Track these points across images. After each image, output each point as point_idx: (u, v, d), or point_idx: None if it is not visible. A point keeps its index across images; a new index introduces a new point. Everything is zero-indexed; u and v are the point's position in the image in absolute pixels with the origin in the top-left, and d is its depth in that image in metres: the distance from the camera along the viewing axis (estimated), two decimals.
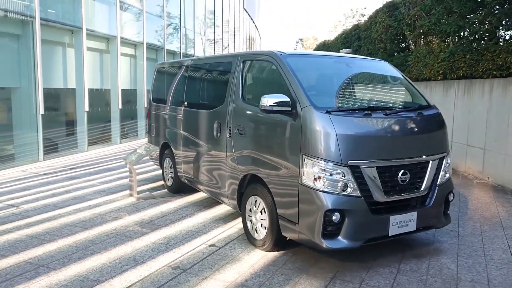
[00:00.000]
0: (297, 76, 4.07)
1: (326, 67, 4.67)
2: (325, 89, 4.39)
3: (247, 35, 36.31)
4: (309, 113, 3.83)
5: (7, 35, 9.51)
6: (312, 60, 4.72)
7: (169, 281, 3.82)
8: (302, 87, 3.97)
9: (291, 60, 4.30)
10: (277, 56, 4.35)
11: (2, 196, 6.71)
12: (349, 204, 3.75)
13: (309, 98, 3.88)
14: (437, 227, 4.47)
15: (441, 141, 4.39)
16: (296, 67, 4.21)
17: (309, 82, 4.24)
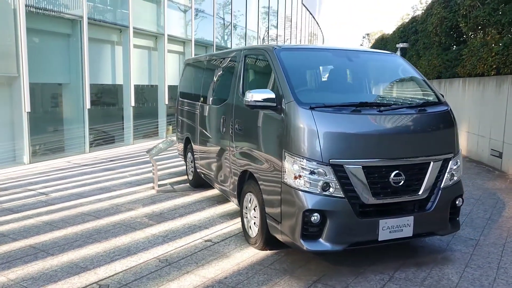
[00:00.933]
0: (285, 71, 3.93)
1: (325, 61, 4.47)
2: (316, 84, 4.20)
3: (307, 31, 35.88)
4: (292, 108, 3.69)
5: (59, 34, 10.19)
6: (309, 54, 4.52)
7: (151, 273, 3.88)
8: (288, 82, 3.83)
9: (285, 55, 4.16)
10: (270, 51, 4.24)
11: (38, 184, 7.21)
12: (331, 205, 3.56)
13: (294, 94, 3.73)
14: (440, 235, 4.11)
15: (446, 140, 4.02)
16: (288, 62, 4.06)
17: (300, 77, 4.08)
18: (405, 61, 4.68)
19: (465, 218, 5.61)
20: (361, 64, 4.54)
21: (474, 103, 10.47)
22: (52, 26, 9.91)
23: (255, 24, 21.65)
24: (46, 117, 10.49)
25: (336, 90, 4.15)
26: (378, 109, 3.79)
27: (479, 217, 5.67)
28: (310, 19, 36.35)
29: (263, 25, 23.18)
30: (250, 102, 3.84)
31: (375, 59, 4.67)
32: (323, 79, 4.33)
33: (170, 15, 13.81)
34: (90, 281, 3.71)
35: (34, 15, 9.09)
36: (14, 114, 8.88)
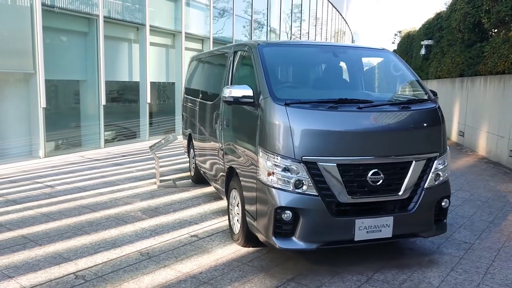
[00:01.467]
0: (265, 67, 3.89)
1: (309, 57, 4.39)
2: (297, 81, 4.14)
3: (334, 28, 35.42)
4: (267, 104, 3.65)
5: (76, 32, 10.48)
6: (294, 51, 4.46)
7: (129, 265, 3.94)
8: (266, 78, 3.80)
9: (267, 51, 4.12)
10: (254, 47, 4.21)
11: (47, 177, 7.44)
12: (304, 203, 3.50)
13: (271, 90, 3.69)
14: (424, 237, 3.97)
15: (431, 139, 3.88)
16: (270, 58, 4.03)
17: (280, 73, 4.04)
18: (397, 58, 4.54)
19: (465, 221, 5.42)
20: (347, 60, 4.45)
21: (495, 102, 10.07)
22: (69, 24, 10.20)
23: (277, 21, 21.55)
24: (62, 112, 10.82)
25: (318, 87, 4.08)
26: (357, 106, 3.69)
27: (481, 220, 5.46)
28: (337, 15, 35.86)
29: (286, 22, 23.06)
30: (227, 98, 3.83)
31: (364, 55, 4.56)
32: (305, 75, 4.26)
33: (188, 13, 13.95)
34: (69, 271, 3.80)
35: (51, 14, 9.38)
36: (31, 109, 9.20)
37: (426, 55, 17.99)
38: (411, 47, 21.54)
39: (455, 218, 5.53)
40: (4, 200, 5.99)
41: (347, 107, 3.69)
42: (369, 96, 4.17)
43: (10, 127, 9.21)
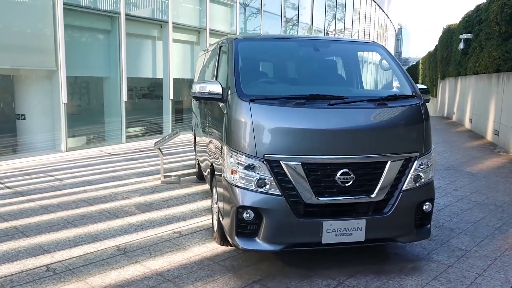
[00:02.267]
0: (236, 62, 3.79)
1: (288, 52, 4.22)
2: (270, 76, 3.99)
3: (375, 23, 34.42)
4: (233, 100, 3.55)
5: (100, 30, 10.78)
6: (272, 45, 4.30)
7: (101, 260, 3.97)
8: (236, 73, 3.69)
9: (243, 45, 4.01)
10: (231, 42, 4.11)
11: (60, 171, 7.70)
12: (266, 203, 3.38)
13: (238, 85, 3.58)
14: (402, 242, 3.72)
15: (411, 138, 3.63)
16: (244, 53, 3.91)
17: (253, 69, 3.91)
18: (386, 52, 4.28)
19: (469, 226, 5.06)
20: (329, 55, 4.24)
21: None
22: (93, 22, 10.51)
23: (309, 16, 21.20)
24: (85, 108, 11.19)
25: (293, 82, 3.92)
26: (328, 102, 3.51)
27: (487, 226, 5.08)
28: (378, 11, 34.82)
29: (321, 18, 22.64)
30: (196, 94, 3.76)
31: (348, 49, 4.34)
32: (281, 70, 4.10)
33: (213, 10, 13.98)
34: (43, 263, 3.88)
35: (75, 13, 9.70)
36: (54, 105, 9.56)
37: (465, 49, 17.06)
38: (451, 42, 20.52)
39: (459, 223, 5.18)
40: (12, 192, 6.25)
41: (316, 104, 3.51)
42: (347, 92, 3.96)
43: (35, 122, 9.63)
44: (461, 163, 8.99)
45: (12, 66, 8.83)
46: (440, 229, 4.95)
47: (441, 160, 9.26)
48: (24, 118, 9.64)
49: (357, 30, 28.92)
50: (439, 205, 5.88)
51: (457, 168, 8.40)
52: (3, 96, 10.68)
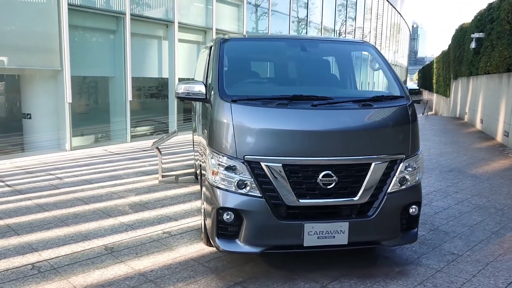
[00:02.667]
0: (221, 62, 3.77)
1: (274, 52, 4.17)
2: (255, 77, 3.95)
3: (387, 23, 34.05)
4: (215, 101, 3.53)
5: (105, 30, 10.87)
6: (258, 45, 4.26)
7: (87, 259, 3.99)
8: (220, 73, 3.67)
9: (229, 45, 3.98)
10: (217, 41, 4.08)
11: (61, 170, 7.78)
12: (247, 205, 3.34)
13: (221, 86, 3.56)
14: (387, 245, 3.65)
15: (396, 140, 3.55)
16: (229, 53, 3.89)
17: (238, 69, 3.88)
18: (376, 51, 4.21)
19: (466, 229, 4.95)
20: (317, 55, 4.18)
21: None
22: (98, 22, 10.60)
23: (319, 16, 21.07)
24: (90, 107, 11.29)
25: (277, 83, 3.87)
26: (311, 103, 3.46)
27: (484, 230, 4.96)
28: (391, 10, 34.44)
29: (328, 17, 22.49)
30: (180, 94, 3.75)
31: (337, 49, 4.27)
32: (267, 71, 4.06)
33: (220, 10, 13.99)
34: (29, 261, 3.92)
35: (80, 13, 9.79)
36: (58, 104, 9.67)
37: (476, 49, 16.76)
38: (463, 41, 20.18)
39: (456, 226, 5.07)
40: (11, 190, 6.33)
41: (299, 105, 3.46)
42: (333, 92, 3.89)
43: (40, 121, 9.76)
44: (467, 164, 8.81)
45: (17, 66, 8.96)
46: (435, 232, 4.86)
47: (446, 161, 9.11)
48: (30, 117, 9.78)
49: (368, 29, 28.65)
50: (437, 207, 5.78)
51: (462, 170, 8.25)
52: (11, 96, 10.85)
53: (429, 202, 6.02)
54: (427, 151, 10.40)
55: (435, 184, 7.07)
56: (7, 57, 8.65)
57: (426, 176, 7.63)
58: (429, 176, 7.68)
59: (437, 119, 20.65)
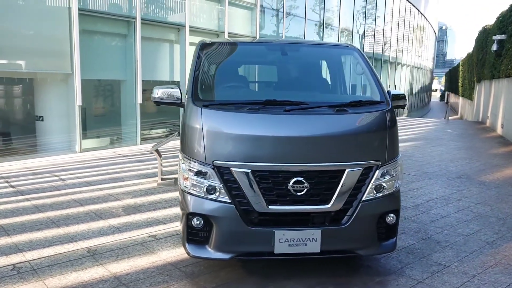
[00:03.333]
0: (197, 66, 3.76)
1: (253, 57, 4.13)
2: (231, 81, 3.92)
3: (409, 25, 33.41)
4: (187, 106, 3.53)
5: (117, 35, 11.07)
6: (238, 49, 4.22)
7: (67, 261, 4.04)
8: (194, 77, 3.67)
9: (207, 49, 3.98)
10: (197, 45, 4.08)
11: (67, 171, 7.94)
12: (216, 211, 3.32)
13: (194, 90, 3.56)
14: (363, 255, 3.54)
15: (372, 146, 3.45)
16: (207, 57, 3.88)
17: (214, 74, 3.86)
18: (360, 56, 4.11)
19: (460, 239, 4.78)
20: (297, 59, 4.12)
21: None
22: (109, 27, 10.80)
23: (335, 19, 20.86)
24: (102, 110, 11.50)
25: (253, 87, 3.83)
26: (283, 108, 3.41)
27: (479, 240, 4.78)
28: (414, 12, 33.78)
29: (347, 20, 22.22)
30: (156, 99, 3.76)
31: (319, 53, 4.19)
32: (244, 75, 4.02)
33: (232, 13, 14.03)
34: (12, 262, 4.00)
35: (92, 18, 10.01)
36: (69, 107, 9.89)
37: (498, 51, 16.24)
38: (486, 43, 19.61)
39: (450, 235, 4.90)
40: (13, 191, 6.50)
41: (271, 110, 3.42)
42: (310, 97, 3.81)
43: (52, 123, 10.01)
44: (477, 171, 8.53)
45: (30, 70, 9.21)
46: (426, 241, 4.70)
47: (455, 167, 8.84)
48: (42, 119, 10.04)
49: (389, 33, 28.18)
50: (435, 216, 5.60)
51: (470, 177, 7.98)
52: (26, 99, 11.17)
53: (427, 210, 5.84)
54: (437, 157, 10.12)
55: (439, 191, 6.86)
56: (22, 61, 8.91)
57: (430, 183, 7.42)
58: (434, 183, 7.46)
59: (458, 123, 20.10)
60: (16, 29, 8.81)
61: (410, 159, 9.68)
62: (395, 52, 30.11)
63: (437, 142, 12.86)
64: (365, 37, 24.99)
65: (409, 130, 16.24)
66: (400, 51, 31.28)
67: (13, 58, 8.90)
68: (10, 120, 11.17)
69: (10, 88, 11.13)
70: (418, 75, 39.77)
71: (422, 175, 8.07)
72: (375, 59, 25.94)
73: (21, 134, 10.91)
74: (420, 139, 13.40)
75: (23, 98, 10.76)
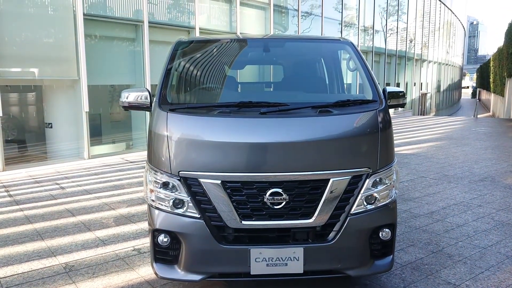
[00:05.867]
0: (168, 66, 3.43)
1: (233, 55, 3.74)
2: (206, 82, 3.55)
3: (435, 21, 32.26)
4: (154, 110, 3.20)
5: (125, 39, 10.93)
6: (217, 47, 3.85)
7: (41, 278, 3.79)
8: (164, 78, 3.34)
9: (183, 47, 3.64)
10: (173, 43, 3.74)
11: (69, 179, 7.79)
12: (183, 227, 2.97)
13: (161, 93, 3.22)
14: (353, 275, 3.10)
15: (360, 151, 3.02)
16: (180, 56, 3.54)
17: (186, 74, 3.51)
18: (354, 51, 3.68)
19: (475, 252, 4.26)
20: (280, 56, 3.72)
21: None
22: (116, 31, 10.66)
23: (353, 17, 20.23)
24: (108, 116, 11.37)
25: (229, 88, 3.46)
26: (259, 111, 3.02)
27: (498, 253, 4.25)
28: (440, 6, 32.60)
29: (367, 18, 21.54)
30: (124, 103, 3.44)
31: (307, 49, 3.77)
32: (221, 75, 3.65)
33: (244, 14, 13.71)
34: None
35: (96, 22, 9.89)
36: (77, 113, 9.79)
37: None
38: None
39: (465, 248, 4.39)
40: (9, 201, 6.36)
41: (245, 113, 3.04)
42: (292, 97, 3.41)
43: (61, 130, 9.94)
44: (503, 173, 7.87)
45: (35, 77, 9.15)
46: (436, 255, 4.21)
47: (479, 169, 8.20)
48: (51, 126, 9.98)
49: (413, 29, 27.24)
50: (450, 225, 5.08)
51: (495, 179, 7.35)
52: (36, 106, 11.18)
53: (442, 218, 5.32)
54: (461, 157, 9.47)
55: (458, 196, 6.30)
56: (28, 67, 8.86)
57: (450, 187, 6.85)
58: (454, 186, 6.89)
59: (487, 121, 19.11)
60: (21, 35, 8.76)
61: (430, 161, 9.08)
62: (420, 48, 29.10)
63: (462, 141, 12.13)
64: (387, 33, 24.20)
65: (432, 130, 15.49)
66: (425, 47, 30.22)
67: (19, 65, 8.85)
68: (21, 128, 11.22)
69: (20, 96, 11.17)
70: (446, 72, 38.39)
71: (442, 178, 7.50)
72: (398, 56, 25.09)
73: (32, 142, 10.92)
74: (444, 139, 12.69)
75: (32, 106, 10.78)
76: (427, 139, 12.83)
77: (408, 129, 16.01)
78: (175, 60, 3.49)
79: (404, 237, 4.67)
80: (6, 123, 10.70)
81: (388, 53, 23.96)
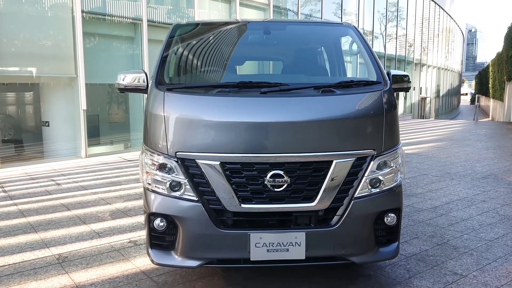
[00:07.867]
0: (166, 47, 3.32)
1: (232, 37, 3.65)
2: (203, 64, 3.45)
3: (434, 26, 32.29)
4: (150, 90, 3.09)
5: (122, 37, 10.85)
6: (216, 29, 3.75)
7: (33, 269, 3.65)
8: (161, 59, 3.23)
9: (181, 30, 3.54)
10: (171, 27, 3.64)
11: (65, 176, 7.66)
12: (180, 210, 2.84)
13: (158, 73, 3.12)
14: (357, 262, 2.97)
15: (365, 132, 2.90)
16: (178, 38, 3.44)
17: (184, 56, 3.40)
18: (357, 34, 3.58)
19: (481, 244, 4.14)
20: (281, 39, 3.61)
21: None
22: (114, 30, 10.59)
23: (354, 19, 20.22)
24: (106, 114, 11.27)
25: (229, 70, 3.35)
26: (259, 90, 2.91)
27: (504, 245, 4.13)
28: (439, 11, 32.67)
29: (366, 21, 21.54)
30: (120, 85, 3.33)
31: (308, 32, 3.67)
32: (221, 57, 3.55)
33: (244, 14, 13.66)
34: None
35: (95, 21, 9.82)
36: (74, 111, 9.68)
37: None
38: None
39: (470, 240, 4.27)
40: (3, 196, 6.22)
41: (246, 92, 2.94)
42: (293, 78, 3.30)
43: (58, 128, 9.82)
44: (506, 171, 7.76)
45: (32, 74, 9.05)
46: (441, 247, 4.09)
47: (482, 167, 8.09)
48: (48, 125, 9.87)
49: (412, 32, 27.26)
50: (454, 218, 4.96)
51: (498, 177, 7.24)
52: (33, 105, 11.07)
53: (446, 212, 5.20)
54: (463, 157, 9.36)
55: (461, 192, 6.19)
56: (25, 65, 8.77)
57: (452, 184, 6.74)
58: (457, 183, 6.78)
59: (487, 124, 19.05)
60: (18, 33, 8.67)
61: (431, 160, 8.97)
62: (420, 53, 29.11)
63: (463, 142, 12.03)
64: (387, 38, 24.20)
65: (433, 132, 15.41)
66: (424, 53, 30.24)
67: (17, 63, 8.76)
68: (17, 127, 11.09)
69: (17, 95, 11.06)
70: (445, 77, 38.40)
71: (444, 175, 7.39)
72: (398, 60, 25.08)
73: (28, 140, 10.79)
74: (445, 140, 12.60)
75: (29, 105, 10.66)
76: (428, 140, 12.74)
77: (409, 130, 15.92)
78: (173, 42, 3.39)
79: (407, 230, 4.55)
80: (2, 122, 10.59)
81: (388, 57, 23.96)
